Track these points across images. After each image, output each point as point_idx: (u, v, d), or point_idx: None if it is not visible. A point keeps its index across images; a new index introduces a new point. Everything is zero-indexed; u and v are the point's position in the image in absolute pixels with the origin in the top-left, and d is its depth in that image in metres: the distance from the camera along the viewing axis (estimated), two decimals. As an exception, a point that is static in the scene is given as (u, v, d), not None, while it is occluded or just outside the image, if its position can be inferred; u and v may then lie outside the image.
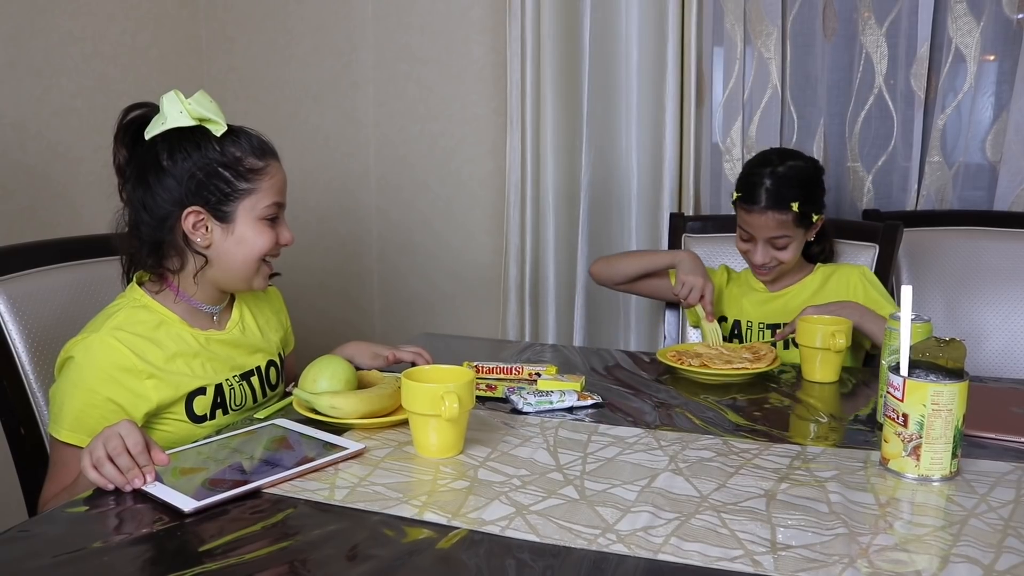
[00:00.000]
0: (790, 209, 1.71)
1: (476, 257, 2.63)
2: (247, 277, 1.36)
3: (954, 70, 2.14)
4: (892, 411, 1.08)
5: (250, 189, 1.31)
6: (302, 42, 2.70)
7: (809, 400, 1.42)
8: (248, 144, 1.33)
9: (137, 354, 1.25)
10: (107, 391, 1.23)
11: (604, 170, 2.38)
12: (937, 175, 2.19)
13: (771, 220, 1.72)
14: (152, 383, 1.26)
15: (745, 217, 1.77)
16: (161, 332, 1.30)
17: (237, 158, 1.31)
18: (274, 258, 1.39)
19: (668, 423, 1.29)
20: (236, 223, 1.32)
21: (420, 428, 1.13)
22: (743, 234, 1.80)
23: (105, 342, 1.25)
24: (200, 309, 1.36)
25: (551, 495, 1.02)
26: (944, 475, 1.06)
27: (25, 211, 2.16)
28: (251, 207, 1.32)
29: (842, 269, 1.84)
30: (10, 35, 2.11)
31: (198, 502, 0.97)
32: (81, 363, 1.24)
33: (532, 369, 1.49)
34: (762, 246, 1.76)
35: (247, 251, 1.33)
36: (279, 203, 1.35)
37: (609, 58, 2.33)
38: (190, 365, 1.31)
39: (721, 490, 1.04)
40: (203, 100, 1.31)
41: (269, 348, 1.47)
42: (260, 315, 1.49)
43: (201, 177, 1.29)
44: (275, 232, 1.35)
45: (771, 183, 1.72)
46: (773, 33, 2.21)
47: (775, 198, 1.71)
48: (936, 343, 1.12)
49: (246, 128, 1.36)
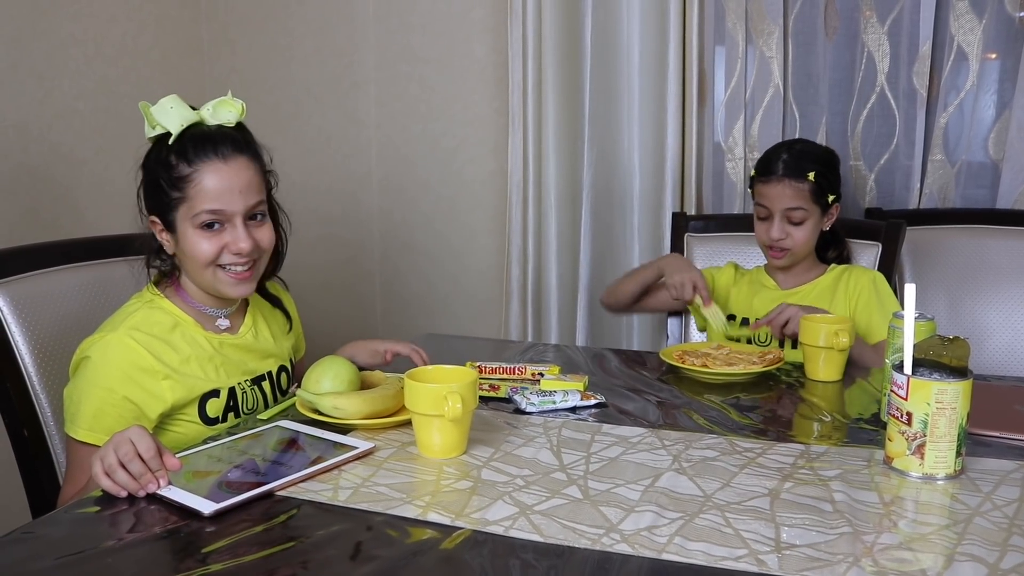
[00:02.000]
0: (806, 179, 1.73)
1: (478, 257, 2.63)
2: (209, 285, 1.33)
3: (956, 68, 2.13)
4: (896, 409, 1.08)
5: (180, 197, 1.27)
6: (303, 43, 2.70)
7: (812, 399, 1.41)
8: (187, 147, 1.27)
9: (154, 355, 1.26)
10: (124, 390, 1.24)
11: (606, 170, 2.38)
12: (940, 173, 2.18)
13: (788, 189, 1.73)
14: (168, 384, 1.26)
15: (762, 189, 1.77)
16: (176, 334, 1.31)
17: (170, 165, 1.27)
18: (234, 266, 1.31)
19: (671, 422, 1.29)
20: (179, 232, 1.30)
21: (423, 428, 1.13)
22: (760, 211, 1.79)
23: (123, 342, 1.25)
24: (204, 311, 1.36)
25: (555, 495, 1.02)
26: (948, 473, 1.06)
27: (27, 213, 2.16)
28: (186, 215, 1.28)
29: (855, 271, 1.82)
30: (12, 37, 2.11)
31: (217, 504, 0.97)
32: (98, 362, 1.25)
33: (535, 369, 1.49)
34: (778, 220, 1.75)
35: (192, 260, 1.30)
36: (216, 210, 1.27)
37: (611, 58, 2.33)
38: (204, 368, 1.31)
39: (725, 489, 1.04)
40: (164, 105, 1.27)
41: (281, 354, 1.47)
42: (274, 321, 1.50)
43: (148, 185, 1.30)
44: (219, 239, 1.28)
45: (788, 156, 1.76)
46: (775, 32, 2.20)
47: (792, 168, 1.74)
48: (940, 341, 1.11)
49: (206, 127, 1.30)
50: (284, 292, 1.57)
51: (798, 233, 1.75)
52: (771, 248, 1.79)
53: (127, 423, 1.24)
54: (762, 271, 1.87)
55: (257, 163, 1.33)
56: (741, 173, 2.28)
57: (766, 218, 1.78)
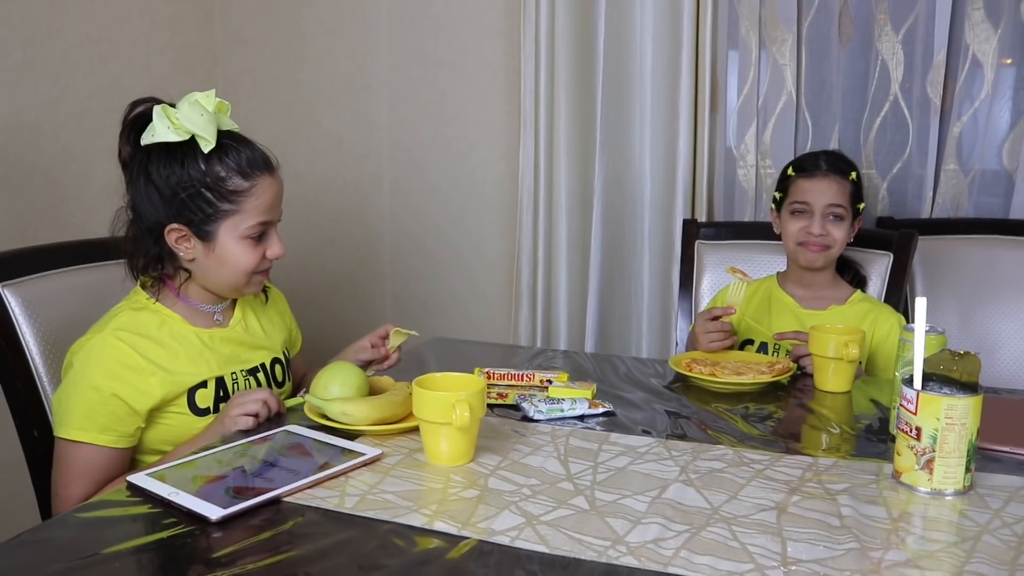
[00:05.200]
0: (848, 178, 1.76)
1: (488, 260, 2.63)
2: (234, 288, 1.37)
3: (971, 77, 2.12)
4: (905, 424, 1.07)
5: (233, 210, 1.30)
6: (316, 44, 2.71)
7: (821, 410, 1.41)
8: (235, 162, 1.30)
9: (140, 353, 1.28)
10: (112, 387, 1.26)
11: (617, 175, 2.37)
12: (953, 183, 2.17)
13: (833, 184, 1.75)
14: (156, 380, 1.28)
15: (804, 185, 1.77)
16: (164, 331, 1.32)
17: (221, 178, 1.29)
18: (266, 270, 1.39)
19: (679, 432, 1.29)
20: (218, 242, 1.32)
21: (431, 436, 1.13)
22: (798, 207, 1.77)
23: (108, 342, 1.27)
24: (200, 309, 1.38)
25: (561, 505, 1.02)
26: (957, 489, 1.05)
27: (40, 212, 2.17)
28: (234, 227, 1.31)
29: (882, 313, 1.78)
30: (27, 37, 2.12)
31: (224, 510, 0.97)
32: (85, 363, 1.26)
33: (543, 376, 1.49)
34: (820, 216, 1.75)
35: (230, 268, 1.33)
36: (265, 221, 1.34)
37: (623, 63, 2.32)
38: (194, 362, 1.33)
39: (732, 502, 1.03)
40: (192, 113, 1.27)
41: (273, 346, 1.49)
42: (263, 315, 1.51)
43: (183, 197, 1.29)
44: (261, 248, 1.35)
45: (829, 156, 1.81)
46: (788, 39, 2.20)
47: (835, 166, 1.78)
48: (950, 356, 1.11)
49: (240, 139, 1.33)
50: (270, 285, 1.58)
51: (837, 232, 1.76)
52: (808, 245, 1.76)
53: (118, 420, 1.26)
54: (776, 285, 1.85)
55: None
56: (753, 180, 2.27)
57: (804, 214, 1.77)
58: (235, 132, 1.35)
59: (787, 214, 1.80)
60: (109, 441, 1.26)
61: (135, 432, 1.29)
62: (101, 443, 1.26)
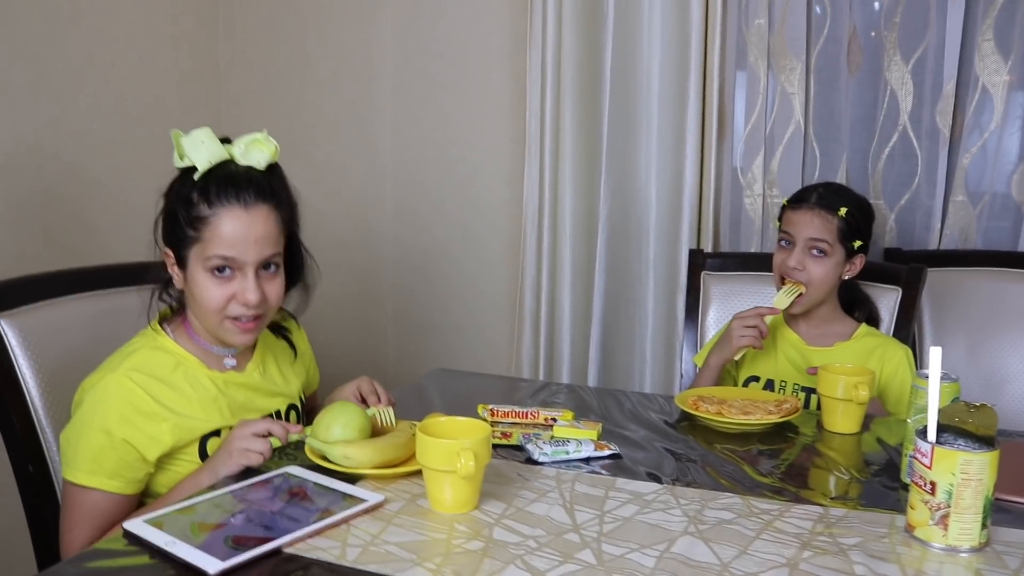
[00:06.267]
0: (837, 214, 1.71)
1: (492, 286, 2.61)
2: (213, 329, 1.30)
3: (980, 108, 2.11)
4: (919, 477, 1.05)
5: (195, 237, 1.25)
6: (320, 66, 2.69)
7: (830, 453, 1.39)
8: (210, 187, 1.24)
9: (153, 397, 1.25)
10: (124, 432, 1.23)
11: (622, 202, 2.35)
12: (961, 214, 2.15)
13: (816, 218, 1.71)
14: (168, 426, 1.25)
15: (790, 217, 1.75)
16: (178, 375, 1.29)
17: (191, 202, 1.24)
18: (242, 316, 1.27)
19: (687, 478, 1.26)
20: (188, 271, 1.28)
21: (434, 483, 1.11)
22: (784, 239, 1.76)
23: (121, 383, 1.24)
24: (211, 351, 1.34)
25: (567, 560, 0.99)
26: (973, 546, 1.03)
27: (41, 234, 2.15)
28: (198, 256, 1.26)
29: (889, 347, 1.75)
30: (30, 57, 2.10)
31: (223, 562, 0.94)
32: (96, 404, 1.24)
33: (548, 414, 1.46)
34: (799, 249, 1.72)
35: (200, 304, 1.27)
36: (227, 256, 1.24)
37: (629, 88, 2.30)
38: (207, 409, 1.29)
39: (742, 557, 1.01)
40: (194, 138, 1.25)
41: (290, 393, 1.45)
42: (283, 358, 1.47)
43: (165, 217, 1.29)
44: (230, 288, 1.26)
45: (824, 190, 1.76)
46: (797, 67, 2.18)
47: (825, 200, 1.73)
48: (966, 408, 1.08)
49: (236, 165, 1.27)
50: (298, 328, 1.55)
51: (816, 268, 1.71)
52: (784, 279, 1.75)
53: (127, 466, 1.23)
54: (782, 321, 1.83)
55: (280, 211, 1.30)
56: (759, 209, 2.25)
57: (787, 246, 1.75)
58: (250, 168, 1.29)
59: (777, 245, 1.79)
60: (117, 487, 1.24)
61: (144, 478, 1.27)
62: (109, 489, 1.23)
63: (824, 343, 1.78)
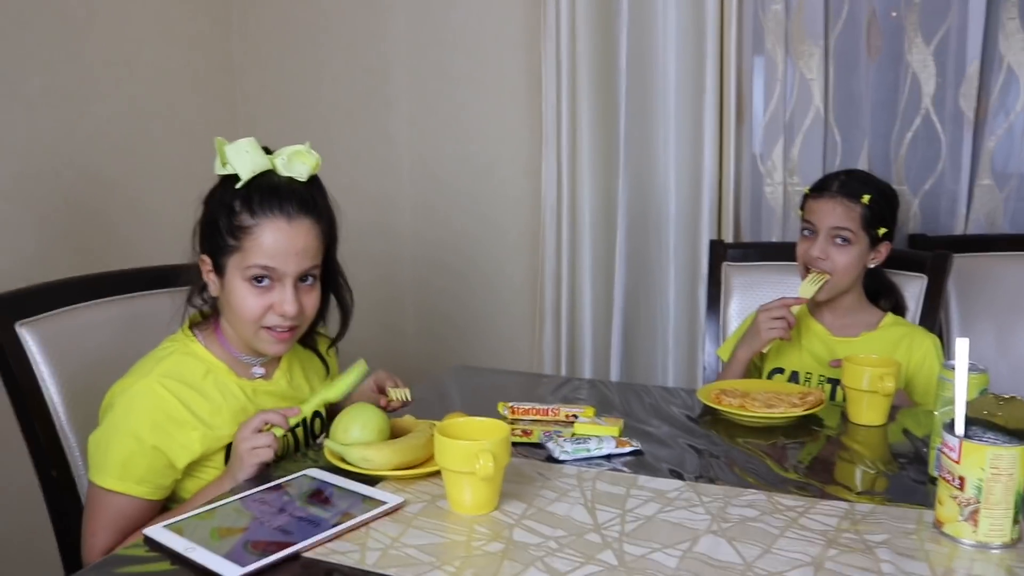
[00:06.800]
0: (860, 201, 1.68)
1: (511, 278, 2.60)
2: (247, 338, 1.31)
3: (1006, 88, 2.07)
4: (948, 472, 1.03)
5: (236, 247, 1.25)
6: (335, 60, 2.68)
7: (855, 446, 1.37)
8: (251, 198, 1.25)
9: (184, 404, 1.25)
10: (154, 439, 1.23)
11: (641, 192, 2.33)
12: (987, 198, 2.11)
13: (839, 206, 1.69)
14: (197, 434, 1.26)
15: (812, 206, 1.73)
16: (208, 382, 1.29)
17: (233, 211, 1.25)
18: (277, 327, 1.27)
19: (709, 474, 1.25)
20: (226, 279, 1.28)
21: (454, 485, 1.10)
22: (806, 228, 1.74)
23: (153, 390, 1.24)
24: (240, 359, 1.35)
25: (589, 561, 0.98)
26: (1004, 542, 1.01)
27: (60, 237, 2.16)
28: (237, 265, 1.26)
29: (916, 336, 1.73)
30: (45, 61, 2.11)
31: (243, 568, 0.94)
32: (128, 409, 1.24)
33: (569, 411, 1.45)
34: (823, 238, 1.69)
35: (236, 312, 1.27)
36: (267, 266, 1.24)
37: (646, 77, 2.28)
38: (236, 417, 1.29)
39: (766, 556, 0.99)
40: (238, 147, 1.26)
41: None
42: (310, 367, 1.48)
43: (206, 224, 1.29)
44: (267, 299, 1.26)
45: (846, 177, 1.74)
46: (815, 53, 2.15)
47: (847, 187, 1.70)
48: (995, 401, 1.06)
49: (278, 176, 1.28)
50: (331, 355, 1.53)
51: (839, 257, 1.69)
52: (812, 266, 1.73)
53: (156, 472, 1.24)
54: (807, 312, 1.80)
55: (321, 225, 1.30)
56: (780, 198, 2.22)
57: (810, 235, 1.73)
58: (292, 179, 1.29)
59: (800, 235, 1.77)
60: (145, 493, 1.24)
61: (171, 484, 1.27)
62: (136, 494, 1.24)
63: (850, 333, 1.75)
